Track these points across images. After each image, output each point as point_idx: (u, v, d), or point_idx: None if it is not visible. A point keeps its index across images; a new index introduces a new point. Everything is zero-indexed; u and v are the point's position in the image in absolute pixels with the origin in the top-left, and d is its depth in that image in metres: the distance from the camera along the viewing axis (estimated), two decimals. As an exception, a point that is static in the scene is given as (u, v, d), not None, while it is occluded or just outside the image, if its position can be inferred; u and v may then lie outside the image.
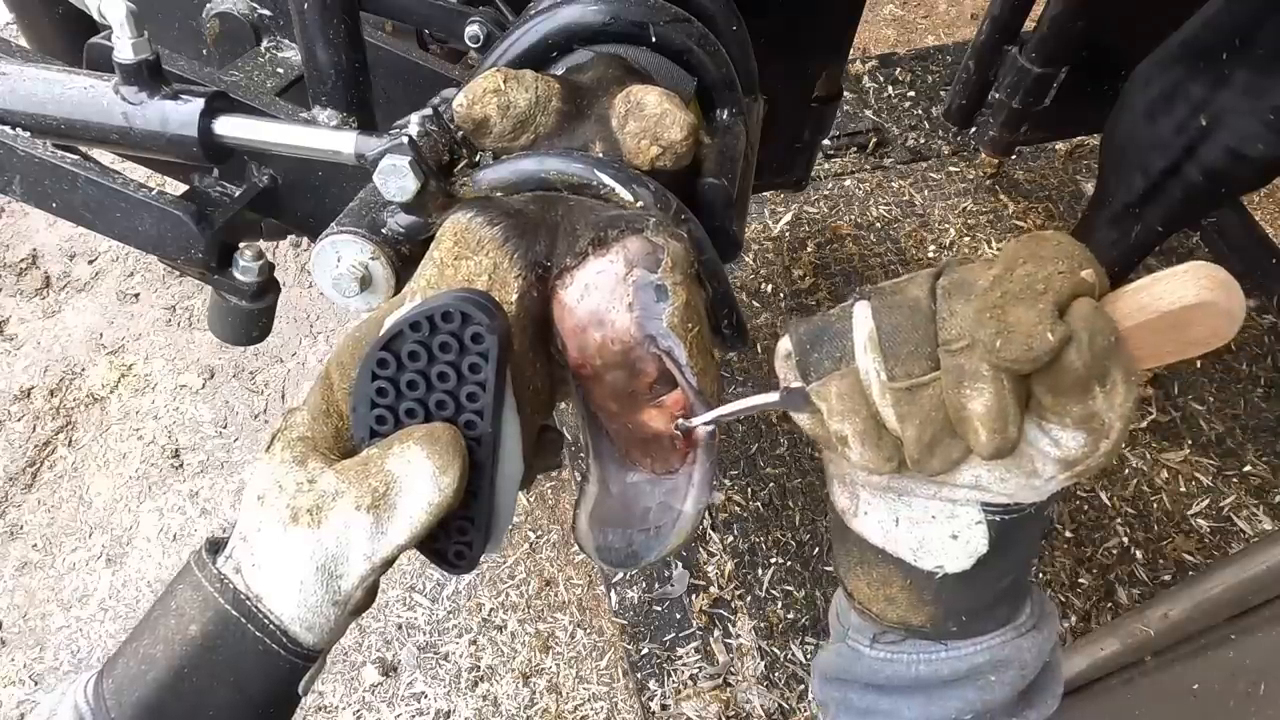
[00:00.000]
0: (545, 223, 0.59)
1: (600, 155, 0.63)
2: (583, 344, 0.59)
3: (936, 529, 0.55)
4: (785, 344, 0.55)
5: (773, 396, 0.56)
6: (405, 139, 0.63)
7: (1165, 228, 1.48)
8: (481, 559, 0.58)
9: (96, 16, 0.73)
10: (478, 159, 0.68)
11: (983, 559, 0.55)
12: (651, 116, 0.62)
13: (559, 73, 0.72)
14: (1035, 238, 0.47)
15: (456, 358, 0.52)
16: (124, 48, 0.72)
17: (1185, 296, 0.45)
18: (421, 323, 0.51)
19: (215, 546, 0.54)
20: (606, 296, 0.57)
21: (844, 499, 0.59)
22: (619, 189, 0.60)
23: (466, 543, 0.56)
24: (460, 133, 0.66)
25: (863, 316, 0.51)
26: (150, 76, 0.74)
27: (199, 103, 0.73)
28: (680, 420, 0.62)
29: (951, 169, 2.41)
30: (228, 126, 0.75)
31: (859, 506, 0.58)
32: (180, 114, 0.74)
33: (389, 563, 0.53)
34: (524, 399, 0.57)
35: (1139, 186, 1.42)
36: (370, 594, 0.55)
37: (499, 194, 0.63)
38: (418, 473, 0.50)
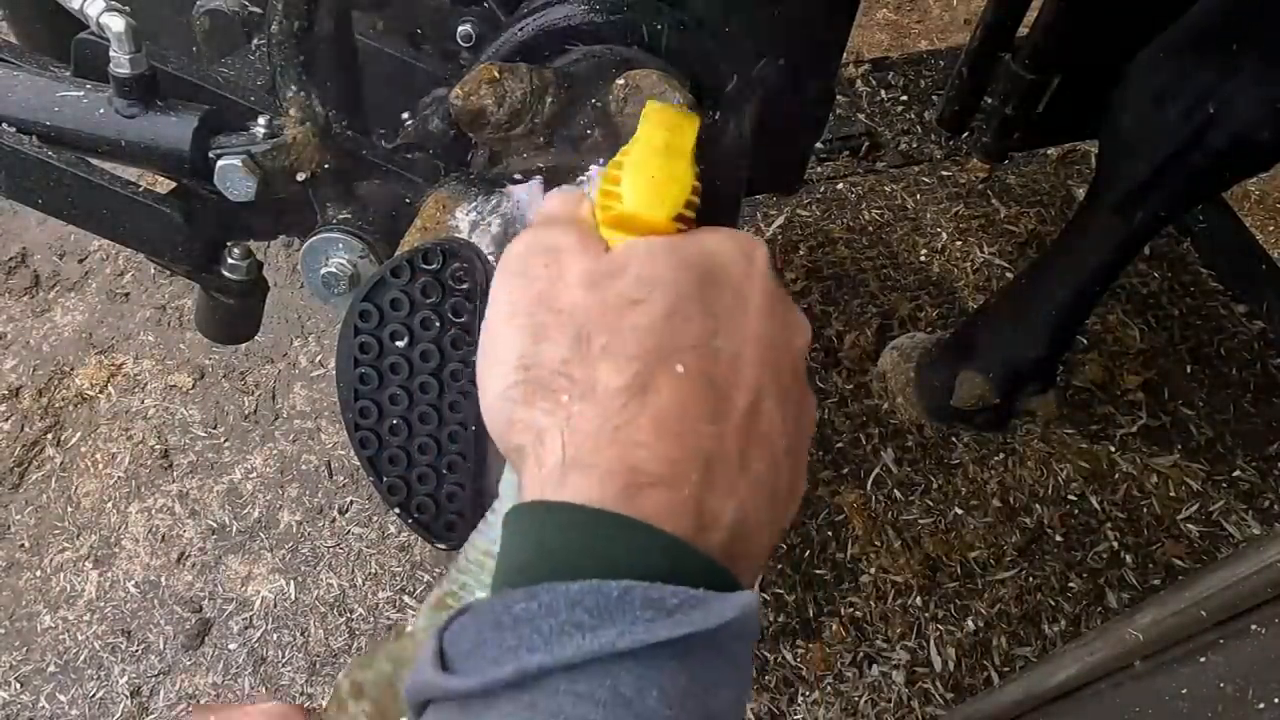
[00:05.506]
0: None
1: (598, 140, 0.63)
2: None
3: None
4: None
5: None
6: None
7: (1168, 213, 1.48)
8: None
9: (95, 28, 0.73)
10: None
11: None
12: (652, 95, 0.62)
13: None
14: None
15: (439, 300, 0.50)
16: (122, 62, 0.72)
17: None
18: (403, 267, 0.50)
19: None
20: None
21: None
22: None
23: (458, 512, 0.55)
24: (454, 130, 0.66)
25: None
26: (146, 90, 0.73)
27: (194, 120, 0.74)
28: None
29: (944, 173, 2.42)
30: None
31: None
32: (173, 130, 0.74)
33: None
34: None
35: (1144, 172, 1.40)
36: None
37: None
38: None
